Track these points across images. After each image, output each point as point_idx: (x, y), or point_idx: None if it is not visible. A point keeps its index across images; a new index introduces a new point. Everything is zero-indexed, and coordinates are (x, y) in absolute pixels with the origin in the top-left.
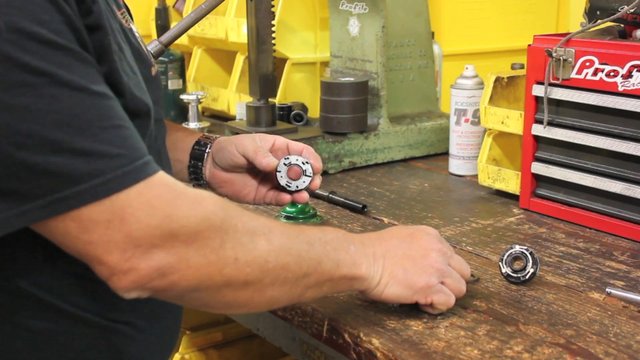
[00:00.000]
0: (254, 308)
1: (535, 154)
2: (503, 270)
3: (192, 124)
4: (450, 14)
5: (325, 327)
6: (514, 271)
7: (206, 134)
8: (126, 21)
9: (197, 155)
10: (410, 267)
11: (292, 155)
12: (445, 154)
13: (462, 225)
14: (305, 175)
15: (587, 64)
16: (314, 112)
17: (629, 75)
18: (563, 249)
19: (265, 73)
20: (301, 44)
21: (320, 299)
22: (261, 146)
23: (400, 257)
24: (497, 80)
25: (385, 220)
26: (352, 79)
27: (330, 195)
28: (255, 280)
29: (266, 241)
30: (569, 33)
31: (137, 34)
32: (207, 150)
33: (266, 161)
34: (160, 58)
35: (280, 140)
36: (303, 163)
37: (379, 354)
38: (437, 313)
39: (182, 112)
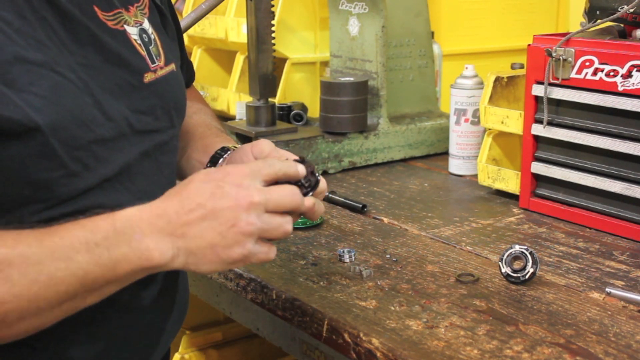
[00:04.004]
0: (9, 340)
1: (535, 154)
2: (503, 270)
3: None
4: (450, 14)
5: (325, 327)
6: (514, 271)
7: (237, 144)
8: (118, 22)
9: (215, 159)
10: (219, 242)
11: (304, 160)
12: (445, 153)
13: (462, 225)
14: (312, 176)
15: (587, 63)
16: (314, 112)
17: (628, 75)
18: (563, 249)
19: (265, 73)
20: (301, 43)
21: (320, 299)
22: (280, 154)
23: (205, 231)
24: (497, 80)
25: (385, 220)
26: (352, 78)
27: (330, 195)
28: None
29: (2, 281)
30: (568, 33)
31: (133, 36)
32: (225, 156)
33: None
34: None
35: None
36: (312, 172)
37: (378, 354)
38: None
39: None
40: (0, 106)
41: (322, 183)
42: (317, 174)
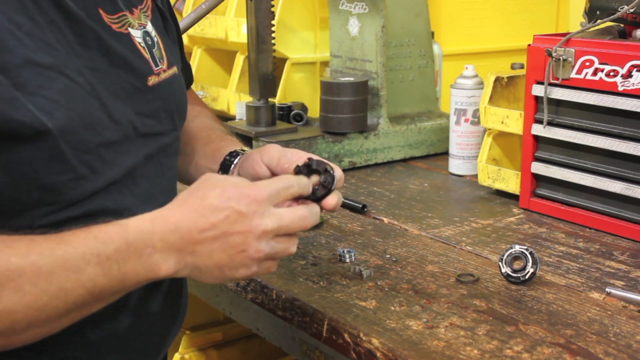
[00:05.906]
0: (15, 347)
1: (535, 154)
2: (503, 270)
3: None
4: (450, 14)
5: (325, 327)
6: (514, 271)
7: (244, 147)
8: (123, 25)
9: (225, 166)
10: (227, 263)
11: (315, 160)
12: (445, 153)
13: (462, 225)
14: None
15: (587, 63)
16: (314, 112)
17: (628, 75)
18: (563, 249)
19: (265, 73)
20: (301, 43)
21: (320, 299)
22: (290, 158)
23: (215, 251)
24: (497, 80)
25: (385, 220)
26: (352, 78)
27: None
28: (6, 332)
29: (13, 290)
30: (569, 33)
31: (137, 39)
32: (235, 162)
33: (287, 165)
34: None
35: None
36: (325, 170)
37: (378, 354)
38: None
39: None
40: (12, 110)
41: (338, 172)
42: (331, 170)
